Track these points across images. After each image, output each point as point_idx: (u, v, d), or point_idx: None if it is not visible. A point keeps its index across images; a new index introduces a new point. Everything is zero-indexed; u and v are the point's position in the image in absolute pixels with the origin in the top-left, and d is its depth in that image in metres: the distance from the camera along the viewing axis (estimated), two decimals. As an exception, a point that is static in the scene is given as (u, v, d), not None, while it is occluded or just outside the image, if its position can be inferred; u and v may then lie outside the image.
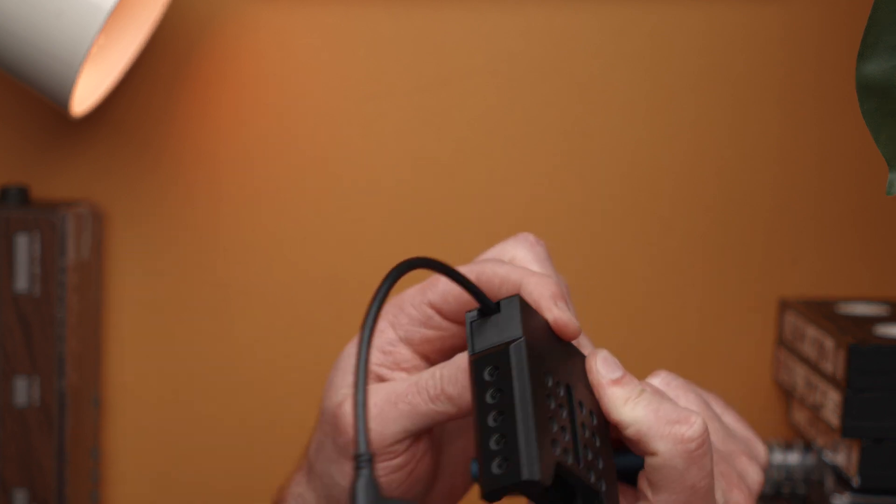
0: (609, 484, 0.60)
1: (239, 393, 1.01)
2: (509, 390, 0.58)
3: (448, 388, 0.60)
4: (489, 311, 0.60)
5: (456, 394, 0.60)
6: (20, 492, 0.92)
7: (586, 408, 0.61)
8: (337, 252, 1.00)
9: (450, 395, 0.60)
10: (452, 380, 0.60)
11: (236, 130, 1.00)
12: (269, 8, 0.99)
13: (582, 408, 0.60)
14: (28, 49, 0.85)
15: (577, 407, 0.60)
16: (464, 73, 0.99)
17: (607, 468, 0.61)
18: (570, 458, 0.58)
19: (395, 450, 0.60)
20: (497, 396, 0.58)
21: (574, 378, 0.61)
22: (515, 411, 0.57)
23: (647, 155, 1.00)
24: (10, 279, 0.91)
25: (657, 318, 1.01)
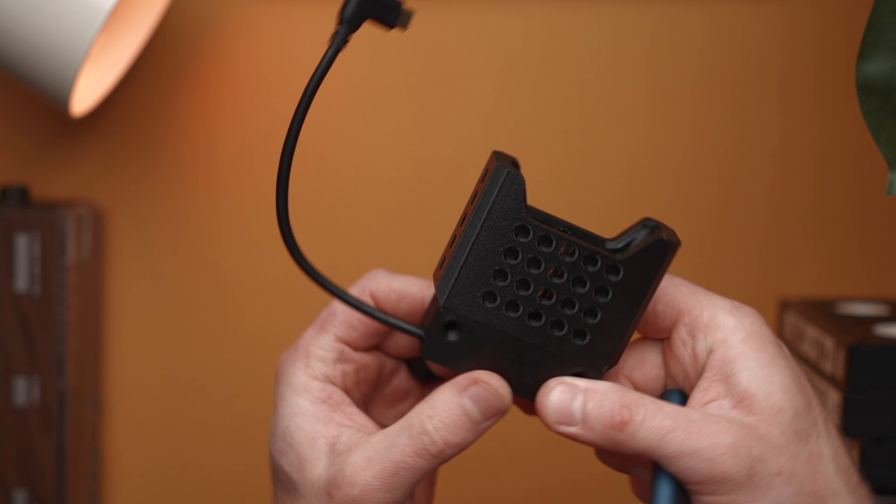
0: (587, 355, 0.58)
1: (239, 393, 1.01)
2: (479, 210, 0.57)
3: (451, 439, 0.57)
4: (412, 333, 0.59)
5: (459, 439, 0.57)
6: (20, 492, 0.92)
7: (572, 277, 0.57)
8: (337, 251, 1.00)
9: (455, 443, 0.57)
10: (452, 428, 0.57)
11: (236, 130, 1.00)
12: (269, 8, 0.99)
13: (564, 276, 0.57)
14: (28, 49, 0.85)
15: (556, 276, 0.57)
16: (464, 73, 0.99)
17: (595, 344, 0.58)
18: (512, 312, 0.57)
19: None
20: (475, 210, 0.57)
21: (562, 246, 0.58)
22: (461, 239, 0.57)
23: (647, 155, 1.00)
24: (10, 279, 0.91)
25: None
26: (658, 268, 0.57)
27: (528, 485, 1.02)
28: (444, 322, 0.57)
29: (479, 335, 0.57)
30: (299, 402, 0.60)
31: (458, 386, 0.57)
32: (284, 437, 0.60)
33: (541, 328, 0.58)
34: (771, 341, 0.57)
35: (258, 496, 1.02)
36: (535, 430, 1.02)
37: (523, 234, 0.57)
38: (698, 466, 0.54)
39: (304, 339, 0.62)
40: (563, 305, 0.57)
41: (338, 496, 0.58)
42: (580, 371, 0.58)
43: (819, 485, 0.55)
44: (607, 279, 0.57)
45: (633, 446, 0.56)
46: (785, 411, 0.56)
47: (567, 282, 0.57)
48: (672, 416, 0.55)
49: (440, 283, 0.57)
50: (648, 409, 0.55)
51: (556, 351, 0.58)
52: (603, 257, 0.57)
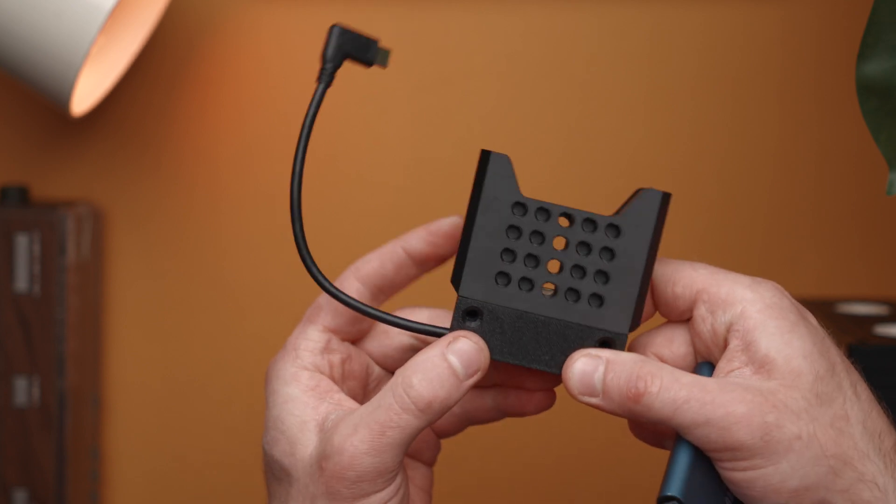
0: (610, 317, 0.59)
1: (239, 393, 1.01)
2: (474, 196, 0.59)
3: (437, 392, 0.58)
4: (433, 334, 0.60)
5: (444, 393, 0.58)
6: (20, 492, 0.92)
7: (595, 245, 0.59)
8: (337, 251, 1.00)
9: (440, 398, 0.58)
10: (437, 381, 0.58)
11: (236, 130, 1.00)
12: (269, 8, 0.99)
13: (583, 247, 0.59)
14: (28, 49, 0.85)
15: (573, 246, 0.59)
16: (464, 73, 0.99)
17: (615, 307, 0.59)
18: (527, 288, 0.59)
19: (394, 475, 0.59)
20: (470, 199, 0.59)
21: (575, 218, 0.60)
22: (464, 228, 0.59)
23: (647, 155, 1.00)
24: (10, 279, 0.91)
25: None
26: (654, 219, 0.59)
27: (528, 487, 1.02)
28: (465, 310, 0.59)
29: (500, 318, 0.59)
30: (289, 391, 0.61)
31: (440, 344, 0.58)
32: (275, 426, 0.61)
33: (557, 299, 0.59)
34: (791, 310, 0.58)
35: (258, 496, 1.02)
36: (536, 431, 1.02)
37: (521, 210, 0.59)
38: (712, 435, 0.55)
39: (292, 336, 0.63)
40: (573, 273, 0.59)
41: (328, 467, 0.58)
42: (606, 337, 0.59)
43: (844, 447, 0.56)
44: (610, 240, 0.59)
45: (650, 417, 0.56)
46: (805, 375, 0.56)
47: (573, 250, 0.59)
48: (687, 387, 0.56)
49: (454, 274, 0.59)
50: (665, 379, 0.56)
51: (576, 320, 0.59)
52: (601, 219, 0.59)
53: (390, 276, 0.63)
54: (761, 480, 0.55)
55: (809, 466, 0.55)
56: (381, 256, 0.64)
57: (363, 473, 0.58)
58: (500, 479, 1.02)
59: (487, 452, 1.02)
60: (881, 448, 0.57)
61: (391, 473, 0.58)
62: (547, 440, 1.02)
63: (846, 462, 0.56)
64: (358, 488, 0.58)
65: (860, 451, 0.56)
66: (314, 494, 0.59)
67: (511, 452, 1.02)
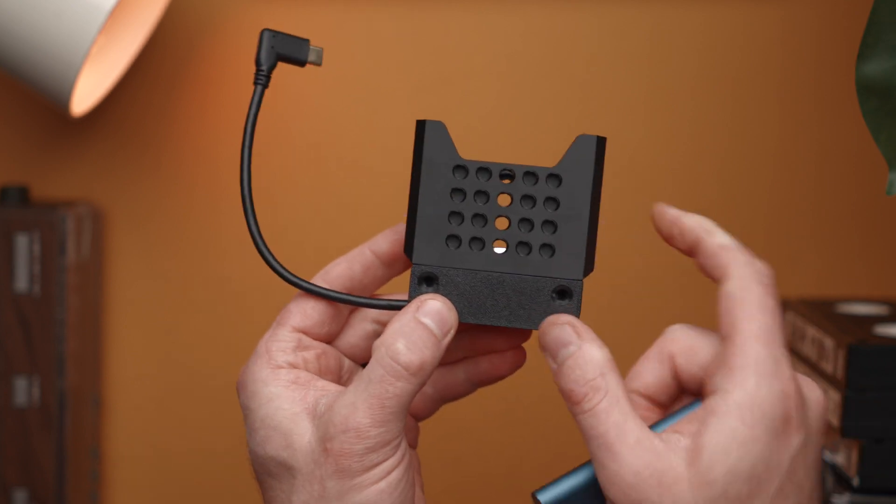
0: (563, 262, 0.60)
1: (239, 393, 1.01)
2: (416, 165, 0.60)
3: (424, 353, 0.59)
4: (391, 307, 0.62)
5: (429, 354, 0.59)
6: (20, 492, 0.92)
7: (538, 198, 0.61)
8: (337, 251, 1.00)
9: (427, 358, 0.59)
10: (420, 343, 0.59)
11: (236, 130, 1.00)
12: (269, 8, 0.99)
13: (527, 201, 0.60)
14: (28, 49, 0.85)
15: (517, 200, 0.60)
16: (464, 73, 0.99)
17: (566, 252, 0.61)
18: (478, 248, 0.60)
19: (399, 441, 0.60)
20: (412, 168, 0.61)
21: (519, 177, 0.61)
22: (410, 197, 0.60)
23: (647, 155, 1.00)
24: (10, 279, 0.91)
25: (657, 318, 1.01)
26: (592, 163, 0.60)
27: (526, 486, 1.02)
28: (420, 276, 0.60)
29: (456, 280, 0.60)
30: (270, 390, 0.61)
31: (409, 309, 0.60)
32: (265, 424, 0.61)
33: (510, 255, 0.60)
34: (767, 424, 0.57)
35: (257, 495, 1.02)
36: (535, 432, 1.02)
37: (462, 173, 0.60)
38: (600, 476, 0.57)
39: (262, 340, 0.64)
40: (521, 227, 0.60)
41: (335, 447, 0.59)
42: (562, 286, 0.60)
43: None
44: (552, 189, 0.60)
45: (575, 419, 0.58)
46: (714, 487, 0.56)
47: (517, 204, 0.60)
48: (610, 424, 0.57)
49: (405, 243, 0.60)
50: (602, 404, 0.57)
51: (531, 272, 0.60)
52: (541, 171, 0.60)
53: (358, 278, 0.64)
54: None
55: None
56: (348, 259, 0.65)
57: (371, 445, 0.59)
58: (492, 474, 1.02)
59: (485, 463, 1.02)
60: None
61: (396, 440, 0.59)
62: (553, 455, 1.02)
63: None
64: (367, 460, 0.59)
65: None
66: (322, 476, 0.59)
67: (508, 463, 1.02)
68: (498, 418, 1.02)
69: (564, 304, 0.60)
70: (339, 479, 0.59)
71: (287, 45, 0.63)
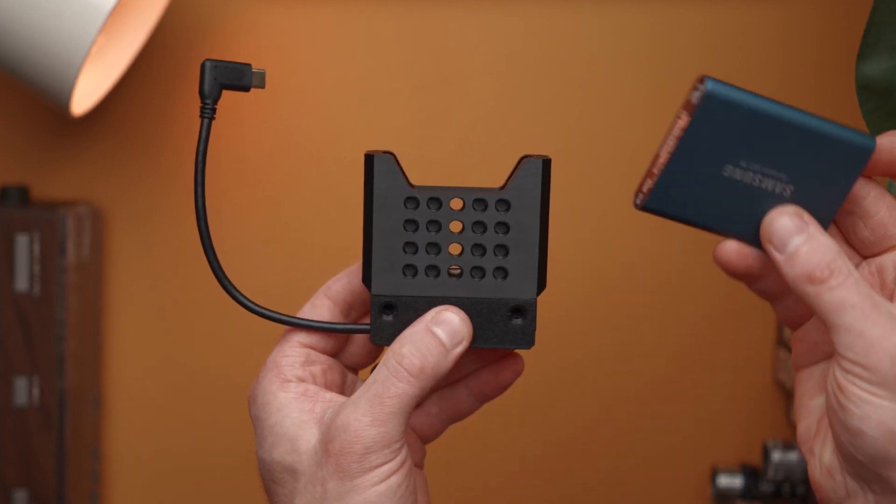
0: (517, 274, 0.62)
1: (238, 393, 1.01)
2: (367, 198, 0.62)
3: (427, 359, 0.61)
4: (359, 331, 0.64)
5: (434, 360, 0.61)
6: (20, 492, 0.92)
7: (492, 221, 0.62)
8: (337, 251, 1.00)
9: (431, 365, 0.61)
10: (425, 350, 0.61)
11: (236, 130, 1.00)
12: (269, 8, 0.99)
13: (479, 226, 0.62)
14: (28, 49, 0.85)
15: (469, 226, 0.62)
16: (464, 73, 0.99)
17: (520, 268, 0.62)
18: (434, 275, 0.62)
19: (399, 446, 0.61)
20: (364, 202, 0.62)
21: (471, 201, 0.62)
22: (364, 229, 0.62)
23: (647, 154, 1.00)
24: (10, 279, 0.91)
25: (657, 318, 1.01)
26: (539, 186, 0.62)
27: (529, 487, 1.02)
28: (380, 306, 0.62)
29: (414, 307, 0.62)
30: (280, 401, 0.63)
31: (424, 318, 0.62)
32: (273, 431, 0.62)
33: (464, 281, 0.62)
34: None
35: (258, 496, 1.02)
36: (535, 436, 1.02)
37: (413, 204, 0.62)
38: (857, 346, 0.56)
39: (271, 355, 0.65)
40: (474, 253, 0.62)
41: (335, 447, 0.60)
42: (517, 305, 0.62)
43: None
44: (501, 215, 0.62)
45: (813, 302, 0.57)
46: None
47: (469, 230, 0.62)
48: (861, 296, 0.57)
49: (363, 274, 0.62)
50: (847, 280, 0.57)
51: (486, 295, 0.62)
52: (490, 196, 0.62)
53: (358, 293, 0.66)
54: (871, 407, 0.56)
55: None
56: (349, 274, 0.66)
57: (369, 445, 0.59)
58: (490, 473, 1.02)
59: (486, 465, 1.02)
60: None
61: (396, 444, 0.60)
62: (553, 456, 1.02)
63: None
64: (366, 461, 0.60)
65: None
66: (323, 478, 0.60)
67: (508, 465, 1.02)
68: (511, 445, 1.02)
69: (520, 322, 0.62)
70: (339, 479, 0.60)
71: (229, 74, 0.64)
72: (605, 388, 1.02)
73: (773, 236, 0.58)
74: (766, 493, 0.97)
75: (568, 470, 1.02)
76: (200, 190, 0.63)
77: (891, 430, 0.55)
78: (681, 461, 1.02)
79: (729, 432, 1.01)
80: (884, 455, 0.56)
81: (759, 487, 0.97)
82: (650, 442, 1.02)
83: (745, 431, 1.01)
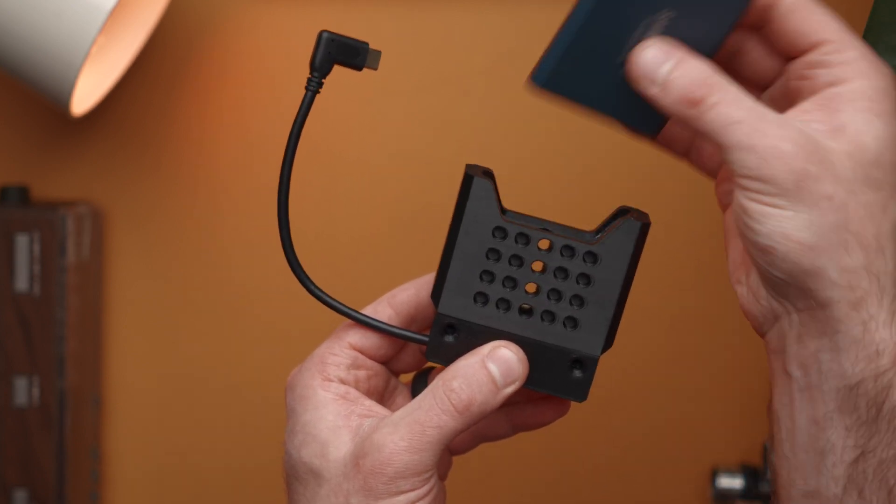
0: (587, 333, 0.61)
1: (239, 393, 1.01)
2: (456, 217, 0.61)
3: (476, 396, 0.59)
4: (417, 341, 0.63)
5: (483, 398, 0.60)
6: (20, 492, 0.92)
7: (572, 273, 0.61)
8: (337, 251, 1.00)
9: (479, 402, 0.60)
10: (476, 386, 0.60)
11: (236, 130, 1.00)
12: (269, 8, 0.99)
13: (561, 273, 0.61)
14: (28, 49, 0.85)
15: (551, 272, 0.61)
16: (464, 73, 0.99)
17: (589, 326, 0.61)
18: (504, 309, 0.61)
19: (430, 475, 0.60)
20: (452, 219, 0.61)
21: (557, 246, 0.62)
22: (445, 248, 0.61)
23: (648, 154, 1.00)
24: (10, 279, 0.91)
25: (657, 318, 1.01)
26: (632, 249, 0.61)
27: (530, 484, 1.02)
28: (442, 326, 0.61)
29: (475, 334, 0.61)
30: (319, 399, 0.62)
31: (481, 351, 0.60)
32: (305, 430, 0.61)
33: (533, 322, 0.61)
34: (892, 101, 0.56)
35: (257, 496, 1.02)
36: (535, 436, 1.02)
37: (501, 235, 0.61)
38: (750, 161, 0.54)
39: (319, 348, 0.64)
40: (550, 297, 0.61)
41: (366, 464, 0.59)
42: (578, 358, 0.61)
43: (867, 231, 0.55)
44: (587, 267, 0.61)
45: (698, 125, 0.56)
46: (868, 152, 0.55)
47: (550, 274, 0.61)
48: (745, 110, 0.55)
49: (434, 290, 0.61)
50: (727, 95, 0.55)
51: (551, 341, 0.61)
52: (579, 246, 0.61)
53: (424, 306, 0.64)
54: (774, 220, 0.54)
55: (826, 229, 0.54)
56: (416, 285, 0.65)
57: (401, 470, 0.59)
58: (489, 472, 1.02)
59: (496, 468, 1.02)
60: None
61: (427, 473, 0.59)
62: (553, 457, 1.02)
63: (862, 245, 0.55)
64: (395, 485, 0.59)
65: (879, 244, 0.55)
66: (348, 491, 0.60)
67: (518, 468, 1.02)
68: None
69: (578, 375, 0.61)
70: (363, 496, 0.59)
71: (345, 50, 0.63)
72: (605, 388, 1.01)
73: (641, 72, 0.57)
74: (766, 494, 0.97)
75: (568, 470, 1.02)
76: (288, 167, 0.62)
77: (798, 240, 0.54)
78: (681, 461, 1.02)
79: (729, 432, 1.01)
80: (799, 267, 0.54)
81: (759, 487, 0.97)
82: (650, 442, 1.02)
83: (745, 431, 1.01)
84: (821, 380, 0.56)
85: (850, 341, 0.55)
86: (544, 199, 1.00)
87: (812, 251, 0.54)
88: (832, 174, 0.54)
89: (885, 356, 0.55)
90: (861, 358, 0.55)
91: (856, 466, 0.56)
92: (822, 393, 0.56)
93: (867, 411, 0.55)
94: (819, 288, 0.54)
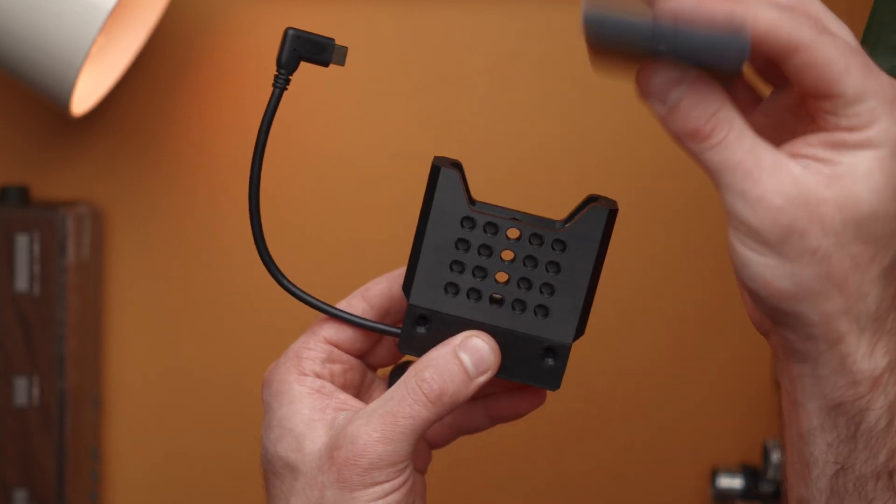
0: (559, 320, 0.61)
1: (239, 393, 1.01)
2: (424, 209, 0.61)
3: (448, 386, 0.60)
4: (390, 333, 0.63)
5: (455, 388, 0.60)
6: (20, 492, 0.92)
7: (542, 260, 0.61)
8: (337, 251, 1.00)
9: (451, 392, 0.60)
10: (448, 375, 0.60)
11: (236, 130, 1.00)
12: (269, 8, 0.99)
13: (530, 261, 0.61)
14: (28, 49, 0.85)
15: (521, 260, 0.61)
16: (464, 73, 0.99)
17: (560, 310, 0.61)
18: (475, 299, 0.61)
19: (404, 466, 0.60)
20: (421, 211, 0.61)
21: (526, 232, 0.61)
22: (415, 239, 0.61)
23: (648, 154, 1.00)
24: (10, 279, 0.92)
25: (657, 317, 1.01)
26: (600, 236, 0.62)
27: (526, 484, 1.02)
28: (414, 317, 0.61)
29: (447, 325, 0.61)
30: (294, 394, 0.62)
31: (452, 342, 0.61)
32: (281, 424, 0.62)
33: (504, 311, 0.61)
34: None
35: (257, 495, 1.02)
36: (534, 436, 1.02)
37: (469, 225, 0.61)
38: (739, 207, 0.54)
39: (294, 344, 0.65)
40: (520, 286, 0.61)
41: (340, 456, 0.60)
42: (550, 345, 0.61)
43: (850, 280, 0.55)
44: (556, 255, 0.61)
45: (699, 159, 0.56)
46: (862, 207, 0.54)
47: (520, 263, 0.61)
48: (744, 152, 0.54)
49: (405, 282, 0.62)
50: (730, 133, 0.55)
51: (522, 330, 0.61)
52: (548, 234, 0.61)
53: (397, 299, 0.65)
54: (756, 266, 0.55)
55: (807, 280, 0.54)
56: (389, 278, 0.66)
57: (375, 461, 0.59)
58: (488, 472, 1.02)
59: (495, 468, 1.02)
60: (882, 307, 0.56)
61: (402, 464, 0.60)
62: (553, 457, 1.02)
63: (843, 293, 0.55)
64: (369, 476, 0.59)
65: (861, 292, 0.55)
66: (323, 483, 0.60)
67: (518, 468, 1.02)
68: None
69: (551, 363, 0.61)
70: (338, 489, 0.60)
71: (311, 47, 0.63)
72: (604, 388, 1.02)
73: (652, 89, 0.56)
74: (766, 494, 0.97)
75: (567, 470, 1.02)
76: (258, 164, 0.62)
77: (778, 287, 0.54)
78: (681, 461, 1.02)
79: (729, 432, 1.01)
80: (779, 309, 0.55)
81: (759, 487, 0.97)
82: (650, 442, 1.02)
83: (745, 431, 1.01)
84: (804, 398, 0.57)
85: (828, 371, 0.56)
86: (544, 198, 1.00)
87: (792, 298, 0.55)
88: (820, 227, 0.54)
89: (862, 384, 0.56)
90: (840, 385, 0.56)
91: (836, 480, 0.57)
92: (806, 410, 0.57)
93: (846, 429, 0.56)
94: (799, 327, 0.55)
